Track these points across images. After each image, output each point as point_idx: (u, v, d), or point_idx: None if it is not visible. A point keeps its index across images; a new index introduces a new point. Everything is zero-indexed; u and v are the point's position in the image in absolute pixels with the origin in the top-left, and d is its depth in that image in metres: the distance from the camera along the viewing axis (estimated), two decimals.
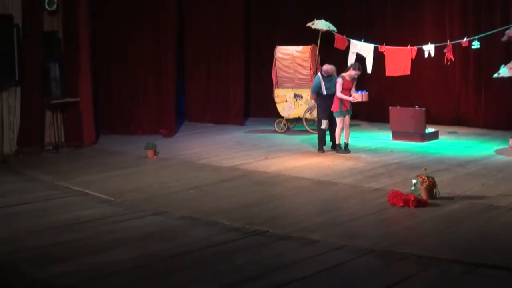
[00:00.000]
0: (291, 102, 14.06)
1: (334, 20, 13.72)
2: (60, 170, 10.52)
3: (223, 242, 6.57)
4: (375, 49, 13.06)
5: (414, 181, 8.08)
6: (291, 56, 14.02)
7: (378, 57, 13.12)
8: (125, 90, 14.25)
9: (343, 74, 11.29)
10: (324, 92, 11.45)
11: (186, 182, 9.43)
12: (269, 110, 15.65)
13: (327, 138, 11.67)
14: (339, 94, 11.12)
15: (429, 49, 12.57)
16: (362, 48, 13.18)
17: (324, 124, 11.48)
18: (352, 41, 13.27)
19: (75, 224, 7.31)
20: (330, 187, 8.88)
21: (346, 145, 11.43)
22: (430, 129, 12.55)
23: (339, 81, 11.15)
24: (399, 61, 12.84)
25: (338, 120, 11.26)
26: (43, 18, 12.38)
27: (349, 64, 13.01)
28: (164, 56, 14.22)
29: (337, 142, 11.42)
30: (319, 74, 11.70)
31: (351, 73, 11.18)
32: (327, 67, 11.62)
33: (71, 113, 12.75)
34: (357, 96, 11.26)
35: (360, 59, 13.12)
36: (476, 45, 12.23)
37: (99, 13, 13.87)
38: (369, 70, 13.02)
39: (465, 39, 12.39)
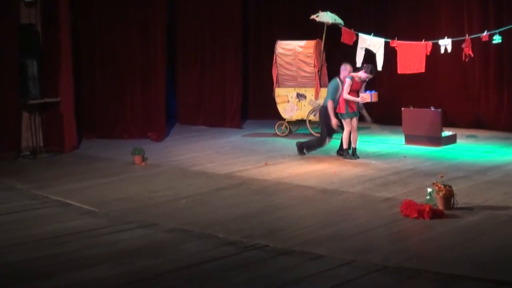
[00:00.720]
0: (294, 102, 14.07)
1: (340, 12, 13.75)
2: (39, 178, 10.52)
3: (218, 257, 6.56)
4: (386, 44, 13.07)
5: (429, 189, 8.09)
6: (293, 52, 14.03)
7: (390, 53, 13.13)
8: (110, 89, 14.25)
9: (353, 74, 11.29)
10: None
11: (177, 191, 9.43)
12: (269, 112, 15.65)
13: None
14: (345, 95, 11.13)
15: (445, 44, 12.60)
16: (371, 43, 13.20)
17: (327, 142, 11.53)
18: (360, 35, 13.29)
19: (55, 237, 7.30)
20: (337, 197, 8.89)
21: (354, 150, 11.44)
22: (447, 133, 12.56)
23: (348, 81, 11.15)
24: (413, 57, 12.85)
25: (345, 122, 11.28)
26: (19, 9, 12.39)
27: (357, 60, 13.06)
28: (153, 53, 14.23)
29: (344, 147, 11.43)
30: (337, 78, 11.49)
31: (362, 75, 11.18)
32: (351, 71, 11.44)
33: (51, 114, 12.75)
34: (366, 97, 11.27)
35: (370, 54, 13.16)
36: (497, 39, 12.25)
37: (83, 8, 13.87)
38: (379, 68, 13.02)
39: (485, 33, 12.41)
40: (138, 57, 14.27)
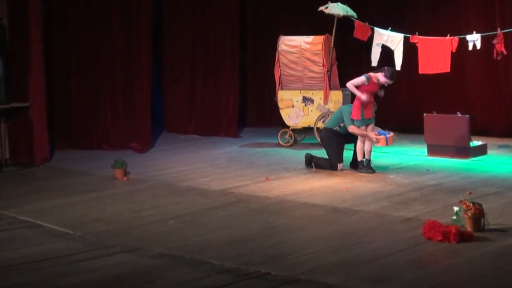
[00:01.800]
0: (299, 107, 14.08)
1: (353, 3, 13.79)
2: (4, 195, 10.52)
3: (211, 287, 6.56)
4: (406, 39, 13.11)
5: (456, 208, 8.09)
6: (299, 49, 14.06)
7: (409, 50, 13.17)
8: (87, 93, 14.27)
9: (371, 74, 11.33)
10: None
11: (164, 210, 9.44)
12: (270, 118, 15.68)
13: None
14: (351, 83, 11.21)
15: (474, 39, 12.62)
16: (389, 39, 13.24)
17: (340, 167, 11.60)
18: (376, 29, 13.33)
19: (24, 264, 7.29)
20: (349, 217, 8.90)
21: (369, 162, 11.45)
22: (475, 142, 12.57)
23: (362, 78, 11.19)
24: (436, 55, 12.88)
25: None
26: None
27: (372, 58, 13.10)
28: (137, 52, 14.27)
29: (358, 158, 11.44)
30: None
31: (381, 78, 11.21)
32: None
33: (19, 122, 12.77)
34: (380, 140, 11.30)
35: (387, 52, 13.18)
36: None
37: (57, 1, 13.92)
38: (398, 67, 13.05)
39: None
40: (120, 57, 14.30)
